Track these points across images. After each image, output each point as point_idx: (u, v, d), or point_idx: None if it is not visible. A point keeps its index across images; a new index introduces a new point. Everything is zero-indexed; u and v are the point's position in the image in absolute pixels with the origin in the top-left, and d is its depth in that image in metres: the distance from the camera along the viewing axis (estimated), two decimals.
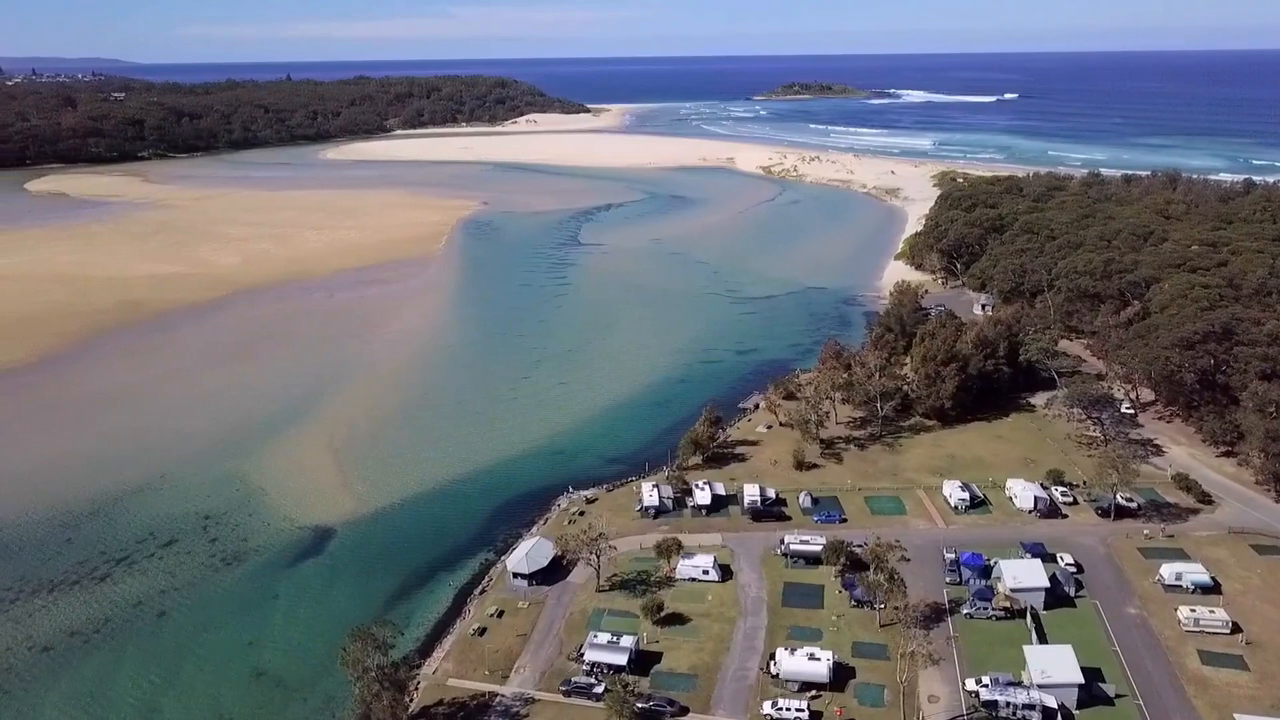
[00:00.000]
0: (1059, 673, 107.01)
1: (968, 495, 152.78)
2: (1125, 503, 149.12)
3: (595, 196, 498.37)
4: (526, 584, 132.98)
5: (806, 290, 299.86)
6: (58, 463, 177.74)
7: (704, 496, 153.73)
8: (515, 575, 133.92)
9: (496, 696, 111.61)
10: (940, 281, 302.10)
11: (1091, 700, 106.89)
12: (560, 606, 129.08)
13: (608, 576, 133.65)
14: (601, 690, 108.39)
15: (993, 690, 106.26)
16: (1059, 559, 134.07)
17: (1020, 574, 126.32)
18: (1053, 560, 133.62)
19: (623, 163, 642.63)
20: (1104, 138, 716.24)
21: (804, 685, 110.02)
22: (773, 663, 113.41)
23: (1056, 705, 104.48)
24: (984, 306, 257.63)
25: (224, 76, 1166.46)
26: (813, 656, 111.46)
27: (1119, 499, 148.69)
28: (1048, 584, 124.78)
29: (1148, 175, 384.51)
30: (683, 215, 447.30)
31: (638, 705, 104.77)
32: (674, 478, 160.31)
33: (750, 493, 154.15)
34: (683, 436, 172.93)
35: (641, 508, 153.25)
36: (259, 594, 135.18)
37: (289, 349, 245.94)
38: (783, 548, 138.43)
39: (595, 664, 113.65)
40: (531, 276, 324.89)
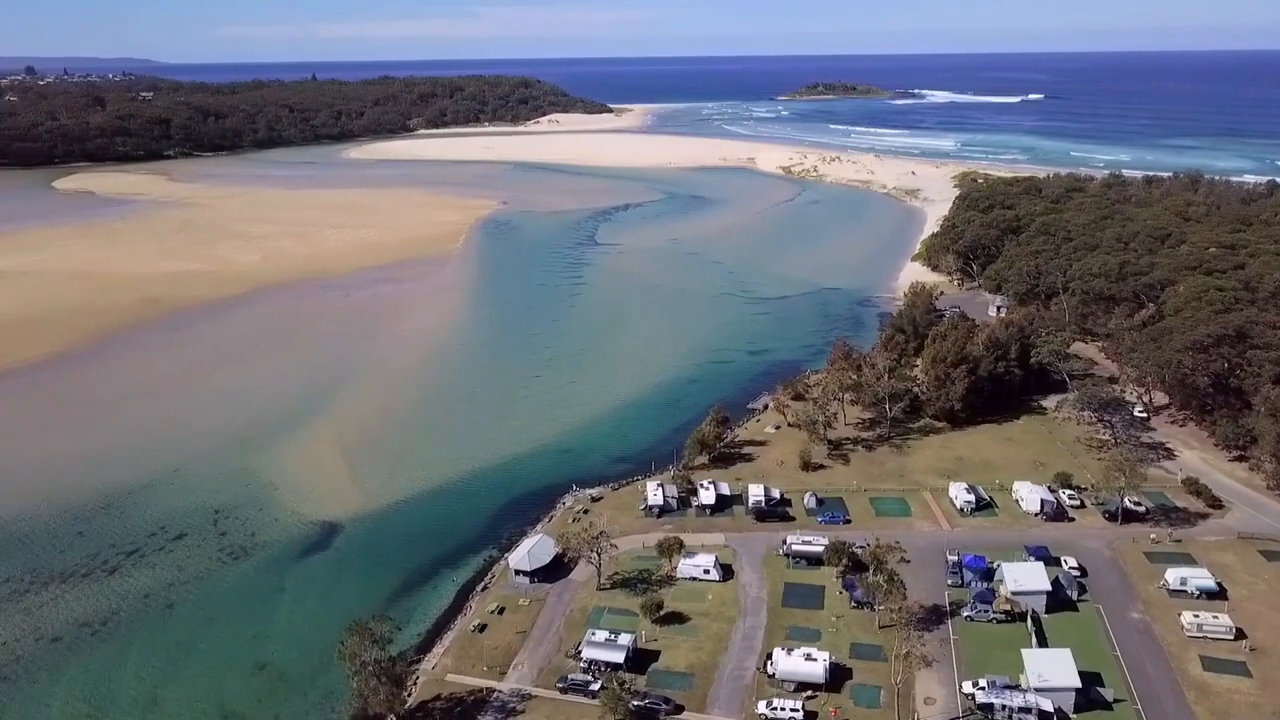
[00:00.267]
0: (1056, 676, 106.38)
1: (974, 497, 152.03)
2: (1133, 506, 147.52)
3: (614, 196, 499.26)
4: (528, 581, 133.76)
5: (821, 291, 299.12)
6: (72, 457, 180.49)
7: (709, 496, 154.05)
8: (517, 572, 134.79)
9: (494, 692, 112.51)
10: (956, 283, 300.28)
11: (1089, 704, 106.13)
12: (561, 604, 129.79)
13: (609, 575, 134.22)
14: (598, 687, 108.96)
15: (989, 693, 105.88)
16: (1063, 562, 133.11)
17: (1022, 577, 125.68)
18: (1056, 564, 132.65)
19: (643, 163, 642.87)
20: (1130, 139, 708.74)
21: (800, 685, 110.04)
22: (769, 663, 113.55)
23: (1053, 709, 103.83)
24: (999, 308, 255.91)
25: (251, 76, 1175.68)
26: (809, 657, 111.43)
27: (1127, 502, 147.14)
28: (1049, 587, 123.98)
29: (1169, 176, 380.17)
30: (701, 215, 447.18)
31: (633, 703, 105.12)
32: (679, 477, 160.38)
33: (755, 493, 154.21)
34: (689, 436, 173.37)
35: (646, 507, 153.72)
36: (265, 588, 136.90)
37: (304, 347, 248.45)
38: (784, 548, 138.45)
39: (593, 661, 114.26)
40: (547, 276, 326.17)
